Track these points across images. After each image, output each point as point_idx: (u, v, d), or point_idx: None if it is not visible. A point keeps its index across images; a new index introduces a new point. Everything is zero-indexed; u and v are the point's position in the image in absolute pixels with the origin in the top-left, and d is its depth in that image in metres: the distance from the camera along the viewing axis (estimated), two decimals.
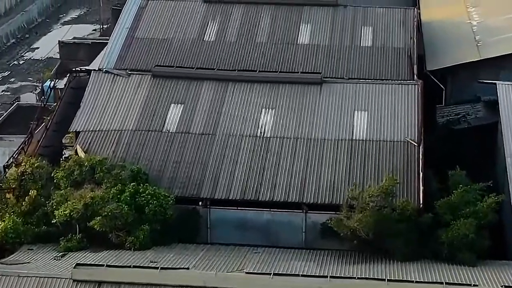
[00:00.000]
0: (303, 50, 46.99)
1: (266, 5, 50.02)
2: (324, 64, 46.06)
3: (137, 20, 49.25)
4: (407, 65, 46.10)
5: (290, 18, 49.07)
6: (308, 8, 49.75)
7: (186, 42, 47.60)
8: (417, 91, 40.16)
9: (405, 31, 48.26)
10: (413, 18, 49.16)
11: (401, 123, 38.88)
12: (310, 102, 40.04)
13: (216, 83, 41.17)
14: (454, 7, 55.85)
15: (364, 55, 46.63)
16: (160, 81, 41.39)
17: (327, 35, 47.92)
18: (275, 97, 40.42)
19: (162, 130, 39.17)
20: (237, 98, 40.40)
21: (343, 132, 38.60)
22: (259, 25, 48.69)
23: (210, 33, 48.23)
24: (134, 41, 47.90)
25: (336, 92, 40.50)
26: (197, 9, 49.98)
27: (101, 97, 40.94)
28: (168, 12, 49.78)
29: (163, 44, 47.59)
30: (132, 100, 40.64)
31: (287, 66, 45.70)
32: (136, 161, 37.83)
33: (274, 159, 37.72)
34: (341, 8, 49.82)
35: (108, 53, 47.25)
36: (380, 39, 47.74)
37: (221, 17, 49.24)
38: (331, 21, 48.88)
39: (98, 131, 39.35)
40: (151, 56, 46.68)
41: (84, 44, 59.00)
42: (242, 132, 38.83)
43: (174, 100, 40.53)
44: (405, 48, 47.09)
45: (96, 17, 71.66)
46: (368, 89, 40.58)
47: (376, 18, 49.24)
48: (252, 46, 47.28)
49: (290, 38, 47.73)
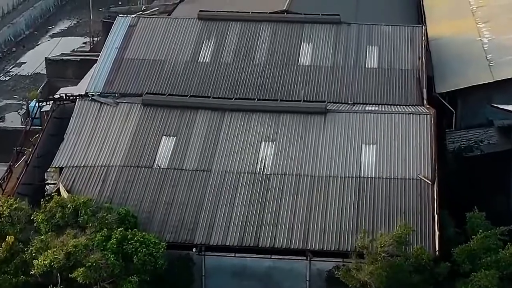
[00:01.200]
0: (305, 72, 43.47)
1: (264, 22, 46.49)
2: (327, 87, 42.58)
3: (127, 39, 45.67)
4: (416, 88, 42.62)
5: (290, 36, 45.52)
6: (310, 25, 46.16)
7: (179, 64, 44.04)
8: (429, 122, 36.52)
9: (412, 51, 44.72)
10: (421, 36, 45.61)
11: (413, 158, 35.25)
12: (314, 134, 36.39)
13: (212, 112, 37.50)
14: (462, 22, 52.21)
15: (369, 77, 43.13)
16: (151, 111, 37.69)
17: (330, 56, 44.37)
18: (275, 128, 36.76)
19: (152, 166, 35.50)
20: (234, 130, 36.74)
21: (350, 168, 34.94)
22: (257, 44, 45.13)
23: (205, 53, 44.66)
24: (124, 63, 44.34)
25: (342, 123, 36.84)
26: (191, 27, 46.39)
27: (87, 128, 37.25)
28: (161, 31, 46.17)
29: (154, 65, 44.04)
30: (120, 132, 36.93)
31: (288, 90, 42.27)
32: (124, 201, 34.17)
33: (275, 199, 34.06)
34: (345, 26, 46.22)
35: (95, 75, 43.73)
36: (386, 60, 44.20)
37: (217, 36, 45.66)
38: (334, 40, 45.31)
39: (83, 167, 35.67)
40: (142, 79, 43.16)
41: (72, 61, 55.22)
42: (240, 169, 35.17)
43: (166, 132, 36.85)
44: (413, 70, 43.59)
45: (86, 29, 67.83)
46: (376, 120, 36.89)
47: (381, 37, 45.68)
48: (250, 67, 43.72)
49: (290, 59, 44.20)
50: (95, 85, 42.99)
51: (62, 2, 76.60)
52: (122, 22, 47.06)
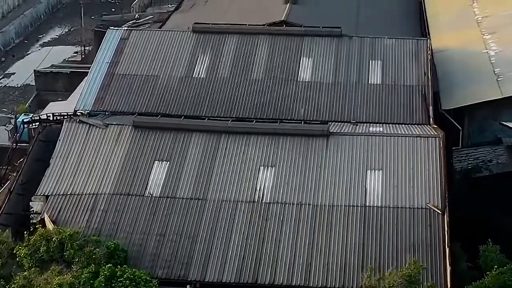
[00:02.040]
0: (304, 88, 40.97)
1: (262, 35, 43.94)
2: (328, 105, 40.11)
3: (118, 54, 43.15)
4: (422, 106, 40.15)
5: (289, 50, 43.00)
6: (309, 39, 43.64)
7: (173, 79, 41.55)
8: (438, 146, 34.07)
9: (417, 66, 42.25)
10: (426, 50, 43.12)
11: (421, 185, 32.79)
12: (316, 159, 33.91)
13: (207, 135, 35.01)
14: (468, 33, 49.70)
15: (372, 94, 40.66)
16: (142, 133, 35.18)
17: (331, 71, 41.88)
18: (275, 152, 34.27)
19: (144, 194, 32.99)
20: (231, 154, 34.24)
21: (354, 196, 32.48)
22: (255, 58, 42.62)
23: (200, 68, 42.16)
24: (115, 78, 41.82)
25: (345, 147, 34.35)
26: (186, 40, 43.86)
27: (74, 153, 34.74)
28: (153, 44, 43.64)
29: (147, 81, 41.53)
30: (109, 156, 34.41)
31: (287, 108, 39.77)
32: (113, 233, 31.68)
33: (275, 231, 31.59)
34: (346, 39, 43.71)
35: (85, 92, 41.21)
36: (390, 75, 41.73)
37: (213, 50, 43.14)
38: (335, 54, 42.81)
39: (70, 195, 33.16)
40: (134, 96, 40.65)
41: (62, 73, 52.63)
42: (237, 197, 32.67)
43: (158, 156, 34.34)
44: (419, 86, 41.13)
45: (78, 37, 65.21)
46: (382, 143, 34.43)
47: (385, 50, 43.19)
48: (247, 83, 41.24)
49: (289, 74, 41.70)
50: (84, 103, 40.56)
51: (54, 9, 73.91)
52: (113, 35, 44.54)
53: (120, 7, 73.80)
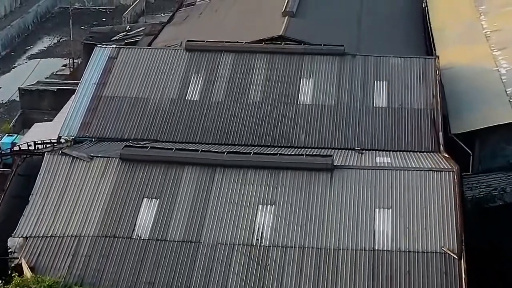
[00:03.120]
0: (305, 112, 37.97)
1: (260, 53, 40.82)
2: (331, 131, 37.12)
3: (106, 74, 40.08)
4: (431, 131, 37.10)
5: (288, 70, 39.92)
6: (310, 58, 40.54)
7: (164, 102, 38.51)
8: (453, 182, 30.89)
9: (425, 87, 39.21)
10: (435, 70, 40.05)
11: (435, 226, 29.64)
12: (319, 196, 30.74)
13: (201, 169, 31.79)
14: (476, 49, 46.61)
15: (378, 118, 37.66)
16: (130, 167, 31.95)
17: (334, 93, 38.82)
18: (274, 188, 31.08)
19: (131, 237, 29.77)
20: (226, 190, 31.04)
21: (362, 239, 29.33)
22: (252, 79, 39.55)
23: (193, 90, 39.10)
24: (102, 101, 38.76)
25: (351, 182, 31.16)
26: (178, 59, 40.75)
27: (56, 189, 31.50)
28: (144, 64, 40.55)
29: (137, 104, 38.52)
30: (94, 193, 31.19)
31: (286, 134, 36.93)
32: (97, 280, 28.48)
33: (275, 278, 28.40)
34: (349, 58, 40.61)
35: (70, 116, 38.20)
36: (396, 97, 38.68)
37: (207, 69, 40.05)
38: (338, 75, 39.73)
39: (50, 237, 29.92)
40: (122, 120, 37.68)
41: (48, 91, 49.41)
42: (234, 240, 29.48)
43: (148, 193, 31.12)
44: (427, 109, 38.11)
45: (67, 49, 61.82)
46: (391, 178, 31.25)
47: (390, 70, 40.11)
48: (243, 107, 38.21)
49: (289, 97, 38.66)
50: (69, 128, 37.60)
51: (42, 19, 70.45)
52: (101, 53, 41.40)
53: (112, 16, 70.54)
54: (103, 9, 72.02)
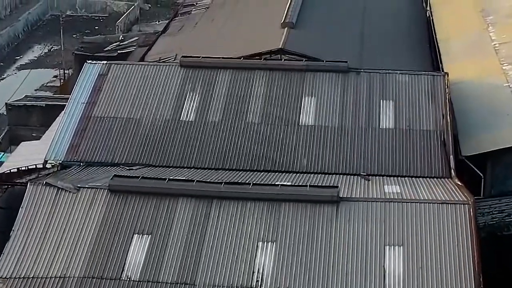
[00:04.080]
0: (307, 134, 35.42)
1: (259, 70, 38.24)
2: (335, 154, 34.60)
3: (96, 92, 37.52)
4: (441, 155, 34.53)
5: (289, 88, 37.40)
6: (312, 74, 37.98)
7: (158, 123, 35.99)
8: (468, 216, 28.28)
9: (435, 107, 36.65)
10: (444, 88, 37.51)
11: (450, 266, 26.99)
12: (324, 232, 28.13)
13: (196, 201, 29.17)
14: (485, 62, 44.00)
15: (385, 141, 35.12)
16: (120, 199, 29.31)
17: (337, 113, 36.27)
18: (275, 223, 28.47)
19: (120, 277, 27.12)
20: (223, 226, 28.40)
21: (371, 280, 26.69)
22: (250, 98, 37.02)
23: (188, 110, 36.56)
24: (92, 122, 36.21)
25: (359, 216, 28.54)
26: (172, 76, 38.18)
27: (39, 223, 28.86)
28: (136, 81, 37.99)
29: (128, 125, 35.99)
30: (80, 228, 28.56)
31: (287, 158, 34.43)
32: None
33: None
34: (353, 75, 38.03)
35: (57, 139, 35.65)
36: (404, 118, 36.13)
37: (203, 87, 37.51)
38: (342, 93, 37.17)
39: (33, 279, 27.26)
40: (113, 143, 35.17)
41: (36, 106, 46.79)
42: (231, 281, 26.83)
43: (139, 228, 28.49)
44: (437, 131, 35.57)
45: (58, 59, 59.08)
46: (401, 211, 28.63)
47: (397, 88, 37.56)
48: (241, 128, 35.67)
49: (290, 117, 36.13)
50: (56, 152, 35.05)
51: (33, 27, 67.56)
52: (91, 69, 38.81)
53: (105, 24, 67.80)
54: (96, 16, 69.33)
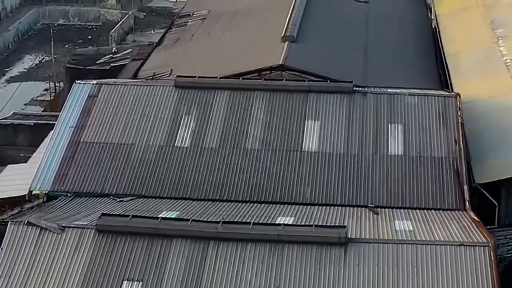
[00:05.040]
0: (311, 161, 32.92)
1: (259, 91, 35.68)
2: (341, 184, 32.15)
3: (85, 116, 35.02)
4: (454, 185, 32.02)
5: (291, 111, 34.90)
6: (315, 96, 35.45)
7: (150, 150, 33.50)
8: (489, 259, 25.70)
9: (446, 131, 34.12)
10: (456, 111, 34.97)
11: None
12: (331, 277, 25.55)
13: (191, 243, 26.55)
14: (496, 80, 41.41)
15: (394, 169, 32.64)
16: (108, 240, 26.67)
17: (343, 139, 33.74)
18: (278, 267, 25.87)
19: None
20: (221, 271, 25.76)
21: None
22: (250, 122, 34.52)
23: (183, 135, 34.06)
24: (80, 148, 33.68)
25: (369, 260, 25.95)
26: (167, 98, 35.64)
27: (20, 267, 26.17)
28: (128, 103, 35.46)
29: (119, 152, 33.49)
30: (65, 273, 25.90)
31: (289, 188, 32.01)
32: None
33: None
34: (359, 96, 35.50)
35: (43, 167, 33.09)
36: (414, 144, 33.60)
37: (199, 110, 35.00)
38: (347, 117, 34.65)
39: None
40: (102, 172, 32.71)
41: (24, 125, 44.21)
42: None
43: (128, 274, 25.83)
44: (449, 158, 33.03)
45: (49, 71, 56.37)
46: (414, 254, 26.04)
47: (406, 111, 35.03)
48: (240, 156, 33.19)
49: (292, 143, 33.63)
50: (41, 181, 32.54)
51: (24, 36, 64.72)
52: (80, 90, 36.27)
53: (98, 34, 65.08)
54: (88, 25, 66.61)
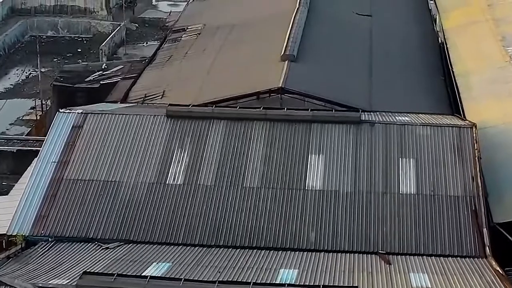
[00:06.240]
0: (315, 201, 29.87)
1: (258, 121, 32.52)
2: (348, 227, 29.07)
3: (69, 149, 31.87)
4: (473, 228, 28.92)
5: (293, 143, 31.79)
6: (319, 126, 32.32)
7: (140, 188, 30.42)
8: None
9: (462, 167, 30.99)
10: (473, 143, 31.77)
11: None
12: None
13: None
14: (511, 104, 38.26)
15: (406, 210, 29.59)
16: None
17: (350, 175, 30.63)
18: None
19: None
20: None
21: None
22: (248, 156, 31.41)
23: (176, 171, 30.94)
24: (63, 186, 30.55)
25: None
26: (158, 129, 32.49)
27: None
28: (116, 135, 32.29)
29: (106, 190, 30.42)
30: None
31: (291, 232, 28.91)
32: None
33: None
34: (367, 126, 32.35)
35: (22, 208, 29.89)
36: (427, 181, 30.50)
37: (193, 143, 31.88)
38: (354, 150, 31.51)
39: None
40: (87, 213, 29.68)
41: (6, 152, 41.03)
42: None
43: None
44: (466, 197, 29.92)
45: (36, 87, 53.08)
46: None
47: (418, 143, 31.89)
48: (238, 195, 30.13)
49: (294, 180, 30.53)
50: (20, 224, 29.45)
51: (11, 49, 61.24)
52: (64, 121, 33.04)
53: (88, 46, 61.72)
54: (78, 37, 63.28)
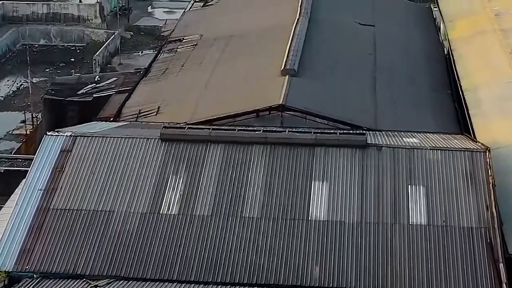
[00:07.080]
0: (319, 233, 27.84)
1: (258, 145, 30.43)
2: (355, 262, 27.02)
3: (57, 176, 29.83)
4: (488, 262, 26.84)
5: (296, 169, 29.74)
6: (323, 150, 30.21)
7: (131, 219, 28.46)
8: None
9: (476, 195, 28.89)
10: (486, 169, 29.63)
11: None
12: None
13: None
14: None
15: (416, 243, 27.57)
16: None
17: (356, 204, 28.56)
18: None
19: None
20: None
21: None
22: (248, 184, 29.35)
23: (171, 200, 28.94)
24: (50, 217, 28.53)
25: None
26: (151, 154, 30.40)
27: None
28: (106, 160, 30.21)
29: (95, 221, 28.43)
30: None
31: (294, 267, 26.95)
32: None
33: None
34: (373, 151, 30.25)
35: (6, 241, 27.82)
36: (439, 210, 28.44)
37: (189, 169, 29.85)
38: (361, 176, 29.43)
39: None
40: (75, 247, 27.72)
41: None
42: None
43: None
44: (481, 228, 27.88)
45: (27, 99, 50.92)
46: None
47: (428, 169, 29.78)
48: (237, 226, 28.12)
49: (297, 210, 28.50)
50: (3, 259, 27.43)
51: (1, 59, 59.06)
52: (52, 144, 30.91)
53: (81, 55, 59.56)
54: (72, 46, 61.05)
